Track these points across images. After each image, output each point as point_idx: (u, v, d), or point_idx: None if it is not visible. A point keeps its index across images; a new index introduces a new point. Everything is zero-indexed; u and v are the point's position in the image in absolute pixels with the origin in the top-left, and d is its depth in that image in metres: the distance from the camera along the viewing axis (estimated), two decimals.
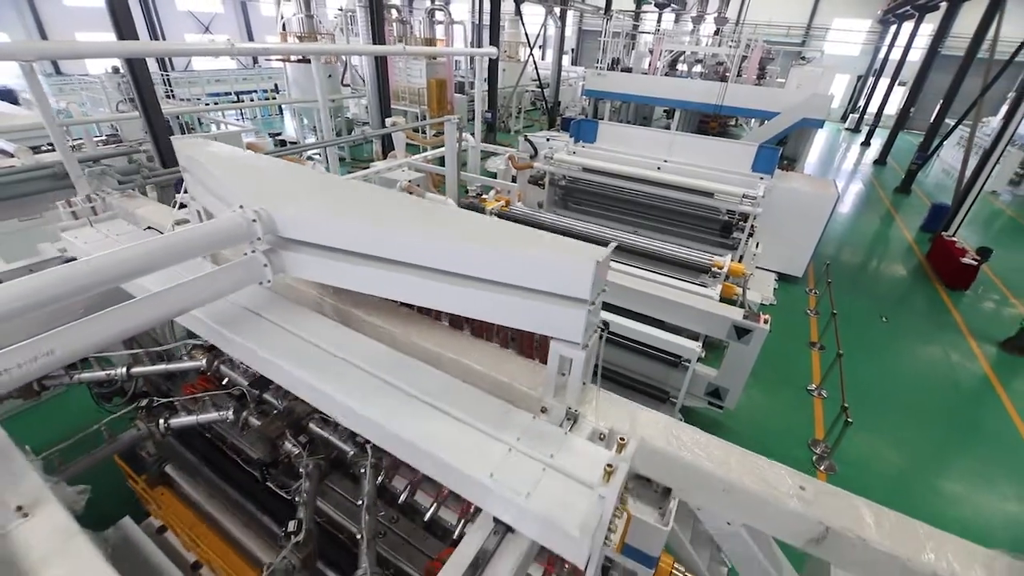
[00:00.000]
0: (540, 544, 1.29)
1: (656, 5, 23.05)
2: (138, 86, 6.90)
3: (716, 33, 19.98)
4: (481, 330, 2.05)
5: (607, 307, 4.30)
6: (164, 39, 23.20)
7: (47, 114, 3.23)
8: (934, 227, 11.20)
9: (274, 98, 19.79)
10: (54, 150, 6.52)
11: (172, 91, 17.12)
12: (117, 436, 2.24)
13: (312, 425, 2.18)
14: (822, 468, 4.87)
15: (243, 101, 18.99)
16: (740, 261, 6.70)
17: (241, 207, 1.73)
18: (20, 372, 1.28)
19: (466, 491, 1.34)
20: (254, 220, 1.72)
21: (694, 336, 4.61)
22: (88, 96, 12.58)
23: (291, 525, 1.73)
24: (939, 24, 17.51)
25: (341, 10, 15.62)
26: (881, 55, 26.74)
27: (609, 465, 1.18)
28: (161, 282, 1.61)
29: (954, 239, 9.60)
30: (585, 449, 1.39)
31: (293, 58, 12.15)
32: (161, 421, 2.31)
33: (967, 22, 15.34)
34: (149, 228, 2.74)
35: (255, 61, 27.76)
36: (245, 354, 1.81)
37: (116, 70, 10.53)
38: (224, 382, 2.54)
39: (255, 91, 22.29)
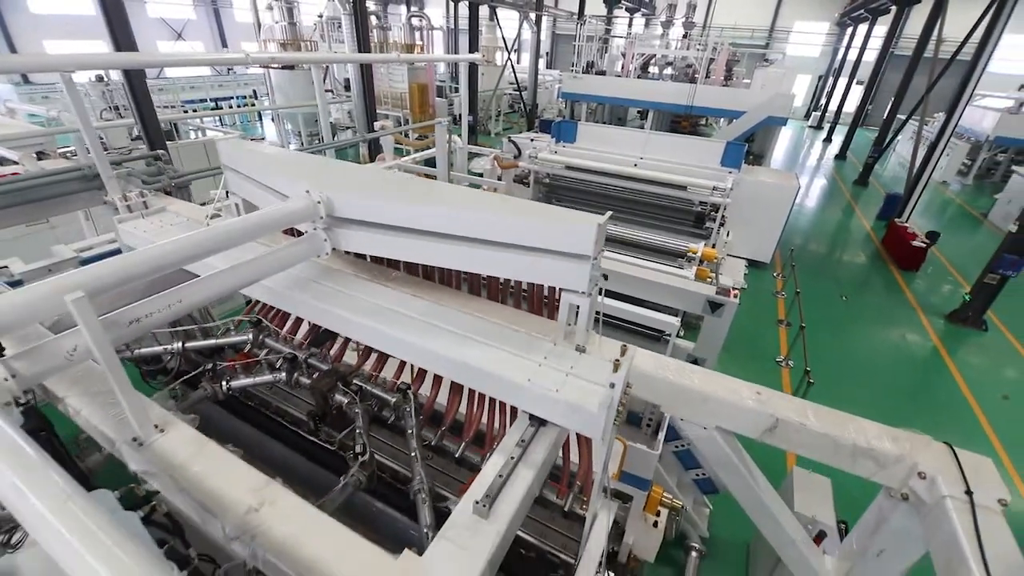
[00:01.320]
0: (567, 428, 1.72)
1: (627, 10, 23.88)
2: (135, 94, 7.12)
3: (685, 36, 20.79)
4: (494, 295, 2.47)
5: None
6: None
7: (85, 121, 3.52)
8: (889, 215, 12.08)
9: (253, 104, 19.82)
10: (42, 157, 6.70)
11: None
12: (189, 394, 2.58)
13: (356, 381, 2.56)
14: None
15: (221, 108, 18.93)
16: (712, 248, 7.27)
17: (308, 192, 2.11)
18: (160, 316, 1.64)
19: (508, 395, 1.76)
20: (319, 202, 2.11)
21: (674, 313, 5.12)
22: (62, 103, 12.53)
23: (357, 447, 2.11)
24: (890, 26, 18.71)
25: (320, 17, 15.84)
26: (839, 56, 28.15)
27: (617, 360, 1.62)
28: (228, 260, 1.97)
29: (906, 225, 10.43)
30: (596, 364, 1.82)
31: (277, 65, 12.37)
32: (223, 382, 2.65)
33: (917, 24, 16.45)
34: (191, 220, 3.09)
35: (230, 68, 27.54)
36: (313, 311, 2.19)
37: (100, 78, 10.59)
38: (264, 354, 2.90)
39: (232, 97, 22.23)
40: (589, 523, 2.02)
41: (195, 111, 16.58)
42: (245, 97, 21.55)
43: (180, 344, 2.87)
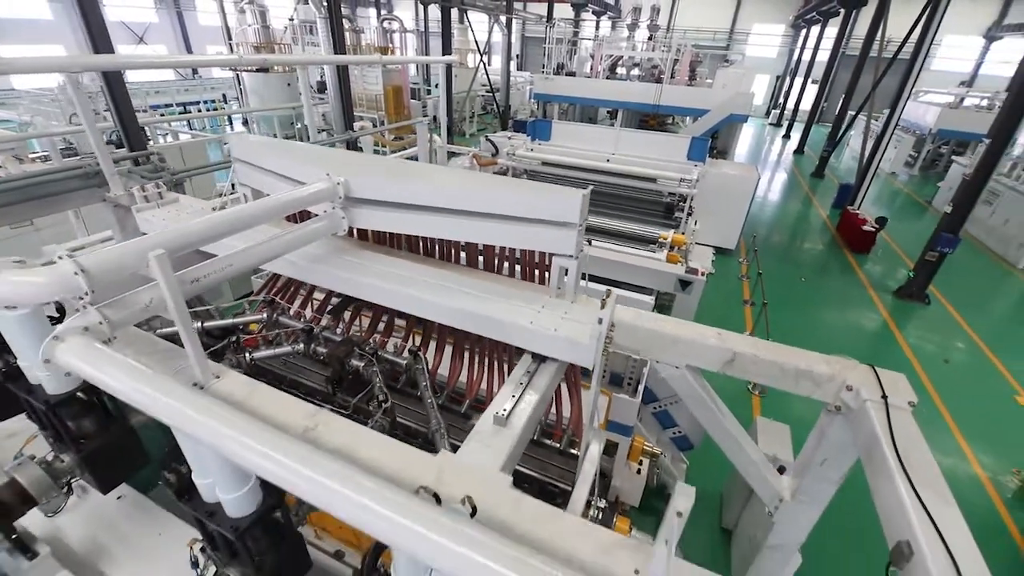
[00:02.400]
0: (565, 361, 2.06)
1: (594, 13, 24.56)
2: (114, 98, 7.15)
3: (650, 39, 21.53)
4: (490, 268, 2.80)
5: None
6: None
7: (90, 121, 3.69)
8: (843, 203, 12.93)
9: (222, 108, 19.57)
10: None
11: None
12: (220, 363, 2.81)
13: (367, 350, 2.85)
14: (756, 392, 5.94)
15: (190, 111, 18.66)
16: (681, 235, 7.77)
17: (328, 175, 2.40)
18: (214, 277, 1.90)
19: (514, 337, 2.09)
20: (338, 183, 2.40)
21: (648, 293, 5.55)
22: (30, 109, 12.22)
23: (380, 397, 2.41)
24: (840, 28, 19.88)
25: (291, 20, 15.86)
26: (795, 56, 29.57)
27: (603, 299, 1.97)
28: (260, 236, 2.23)
29: (857, 212, 11.24)
30: (585, 311, 2.17)
31: (251, 68, 12.38)
32: (247, 354, 2.89)
33: (865, 25, 17.56)
34: (203, 209, 3.31)
35: (195, 72, 27.00)
36: (335, 280, 2.47)
37: None
38: (278, 331, 3.15)
39: (199, 101, 21.84)
40: (583, 450, 2.37)
41: (162, 115, 16.33)
42: (214, 101, 21.21)
43: (200, 324, 3.10)
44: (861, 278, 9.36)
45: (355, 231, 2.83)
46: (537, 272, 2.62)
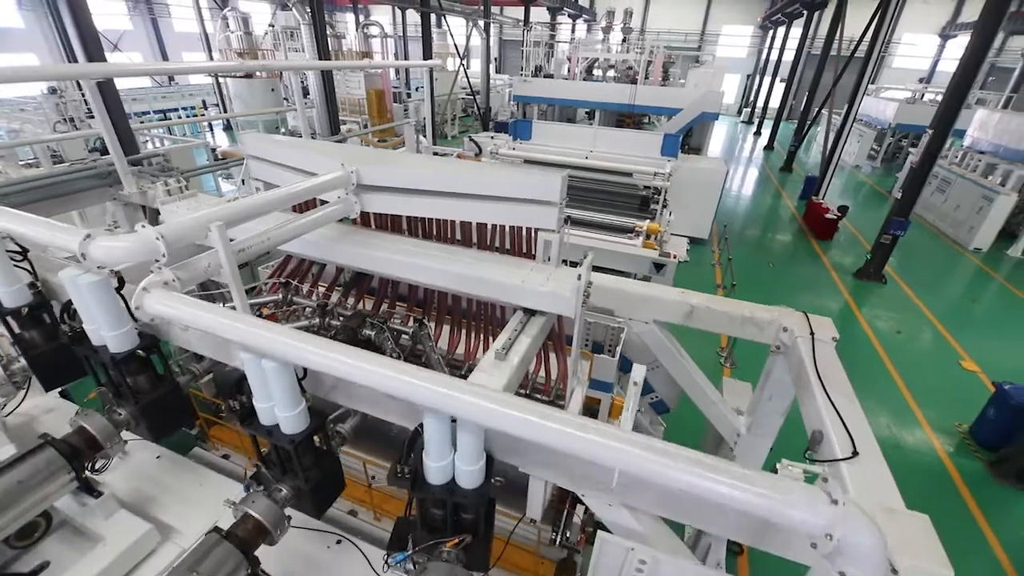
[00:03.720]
0: (551, 312, 2.46)
1: (569, 16, 25.17)
2: (107, 104, 7.33)
3: (624, 41, 22.19)
4: (480, 246, 3.19)
5: None
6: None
7: (107, 125, 3.97)
8: (808, 195, 13.67)
9: (203, 114, 19.57)
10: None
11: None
12: None
13: (378, 319, 3.22)
14: (727, 365, 6.44)
15: (170, 118, 18.62)
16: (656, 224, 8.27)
17: (343, 165, 2.77)
18: (257, 247, 2.26)
19: (508, 294, 2.48)
20: (352, 172, 2.77)
21: (627, 277, 6.01)
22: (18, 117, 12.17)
23: (395, 354, 2.78)
24: (803, 28, 20.82)
25: (271, 26, 16.03)
26: (763, 56, 30.67)
27: (583, 258, 2.39)
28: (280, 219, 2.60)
29: (821, 201, 11.95)
30: (567, 273, 2.58)
31: (237, 74, 12.55)
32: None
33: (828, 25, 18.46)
34: (220, 201, 3.63)
35: (171, 79, 26.80)
36: (349, 256, 2.84)
37: (53, 91, 10.50)
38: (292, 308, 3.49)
39: (177, 109, 21.76)
40: (568, 398, 2.78)
41: (142, 122, 16.31)
42: (192, 108, 21.16)
43: (221, 304, 3.42)
44: (824, 261, 10.02)
45: (360, 220, 3.19)
46: (525, 250, 3.03)
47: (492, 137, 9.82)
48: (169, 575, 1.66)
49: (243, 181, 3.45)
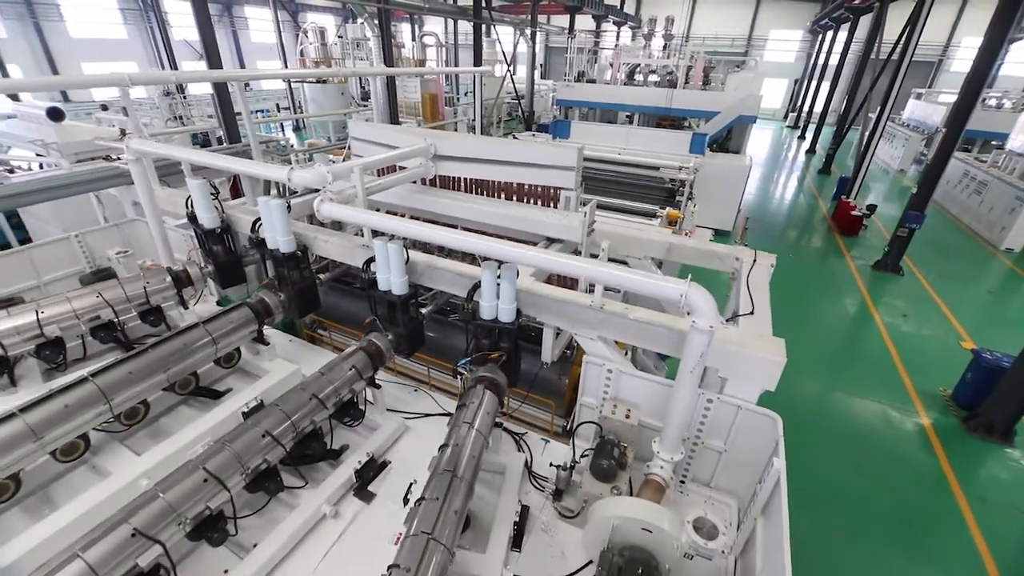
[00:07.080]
0: (565, 239, 3.57)
1: (614, 23, 26.05)
2: (221, 105, 9.06)
3: (665, 47, 22.87)
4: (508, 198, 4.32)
5: None
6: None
7: (249, 120, 5.41)
8: (841, 194, 14.02)
9: (275, 115, 21.84)
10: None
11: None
12: None
13: None
14: None
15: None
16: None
17: (425, 139, 3.99)
18: (371, 188, 3.51)
19: (537, 228, 3.60)
20: (431, 144, 3.99)
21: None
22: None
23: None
24: (848, 33, 20.85)
25: (340, 37, 17.92)
26: (812, 60, 30.37)
27: (587, 203, 3.48)
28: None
29: (849, 200, 12.36)
30: (579, 217, 3.68)
31: (311, 80, 14.37)
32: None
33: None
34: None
35: (247, 85, 29.53)
36: (424, 203, 4.05)
37: (167, 93, 12.56)
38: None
39: (253, 111, 24.30)
40: None
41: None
42: (267, 111, 23.58)
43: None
44: (845, 255, 10.53)
45: (432, 182, 4.40)
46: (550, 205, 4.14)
47: (534, 135, 10.98)
48: (329, 364, 2.89)
49: (344, 159, 4.75)
